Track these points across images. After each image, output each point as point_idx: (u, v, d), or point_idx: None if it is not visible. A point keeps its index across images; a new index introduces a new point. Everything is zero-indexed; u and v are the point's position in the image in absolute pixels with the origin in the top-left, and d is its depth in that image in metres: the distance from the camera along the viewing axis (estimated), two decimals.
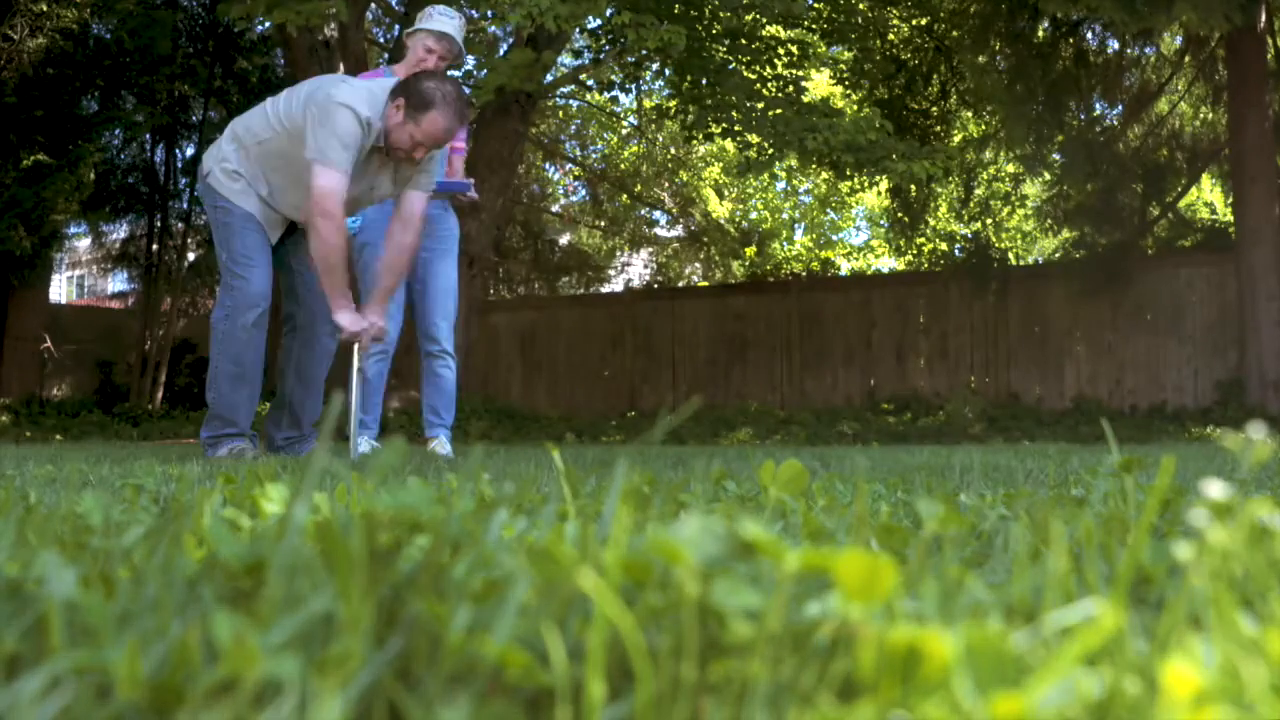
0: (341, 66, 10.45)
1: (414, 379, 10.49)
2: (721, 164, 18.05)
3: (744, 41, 10.33)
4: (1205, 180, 13.57)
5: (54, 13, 11.52)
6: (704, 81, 10.08)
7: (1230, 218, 11.18)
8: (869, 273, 17.85)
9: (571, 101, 17.03)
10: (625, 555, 0.48)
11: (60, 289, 26.35)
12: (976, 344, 11.92)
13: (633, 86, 12.39)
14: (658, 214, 18.56)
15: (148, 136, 13.88)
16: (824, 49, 12.67)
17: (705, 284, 17.28)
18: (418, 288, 5.10)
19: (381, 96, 4.06)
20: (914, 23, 12.62)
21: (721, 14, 9.91)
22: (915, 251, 14.20)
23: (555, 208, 18.91)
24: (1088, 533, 0.71)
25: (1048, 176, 11.74)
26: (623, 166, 18.34)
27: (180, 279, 14.06)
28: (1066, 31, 11.02)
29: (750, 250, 18.04)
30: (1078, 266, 11.29)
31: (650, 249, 19.12)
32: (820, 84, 15.86)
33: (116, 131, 13.24)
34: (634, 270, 19.94)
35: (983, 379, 11.86)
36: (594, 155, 19.02)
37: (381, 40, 14.33)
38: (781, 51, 10.56)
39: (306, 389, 4.50)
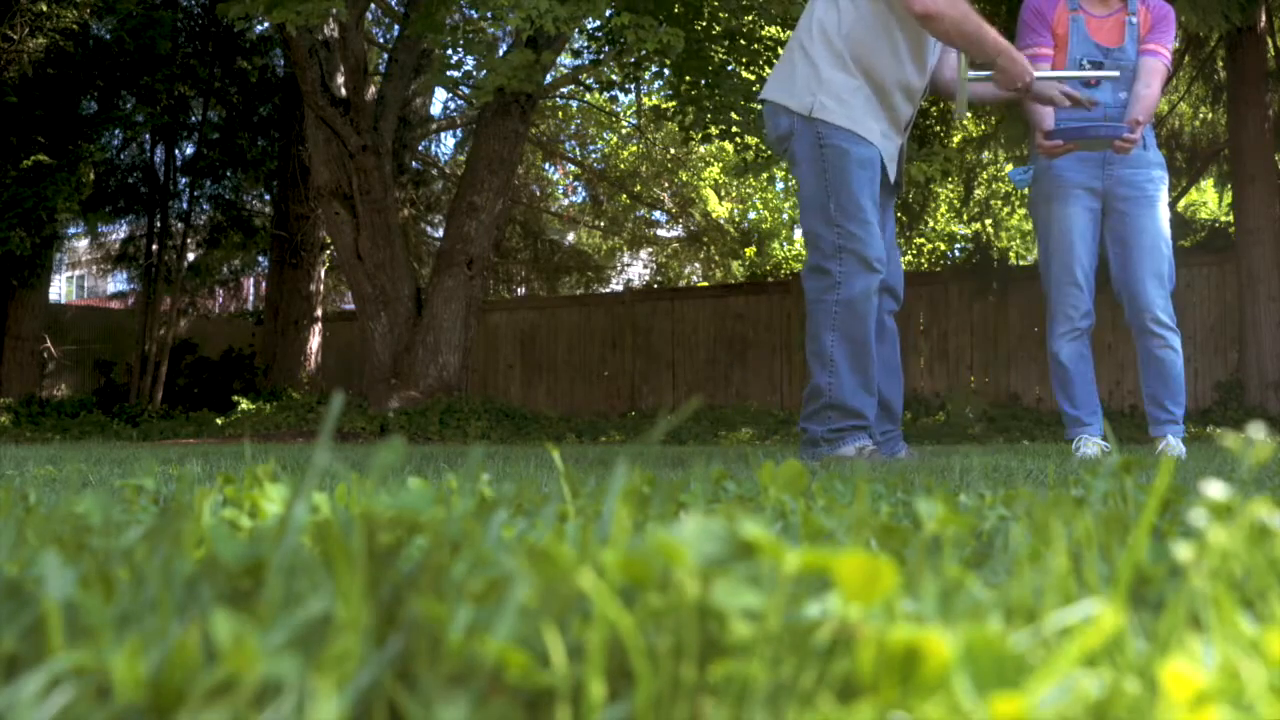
0: (342, 68, 10.45)
1: (413, 379, 10.50)
2: (721, 164, 18.06)
3: (743, 42, 10.33)
4: (1206, 180, 13.57)
5: (54, 13, 11.53)
6: (703, 82, 10.08)
7: (1230, 218, 11.17)
8: None
9: (571, 101, 17.03)
10: (625, 555, 0.48)
11: (60, 289, 26.37)
12: (976, 344, 11.92)
13: (632, 87, 12.38)
14: (657, 214, 18.57)
15: (147, 137, 13.90)
16: None
17: (705, 284, 17.29)
18: (1116, 249, 4.23)
19: None
20: None
21: (720, 15, 9.92)
22: (915, 252, 14.20)
23: (555, 208, 18.92)
24: (1088, 533, 0.71)
25: None
26: (622, 166, 18.34)
27: (180, 279, 14.07)
28: None
29: (750, 250, 18.05)
30: None
31: (650, 249, 19.13)
32: None
33: (116, 132, 13.26)
34: (634, 270, 19.95)
35: (983, 379, 11.85)
36: (594, 155, 19.03)
37: (381, 40, 14.33)
38: (780, 53, 10.56)
39: (893, 375, 3.82)
